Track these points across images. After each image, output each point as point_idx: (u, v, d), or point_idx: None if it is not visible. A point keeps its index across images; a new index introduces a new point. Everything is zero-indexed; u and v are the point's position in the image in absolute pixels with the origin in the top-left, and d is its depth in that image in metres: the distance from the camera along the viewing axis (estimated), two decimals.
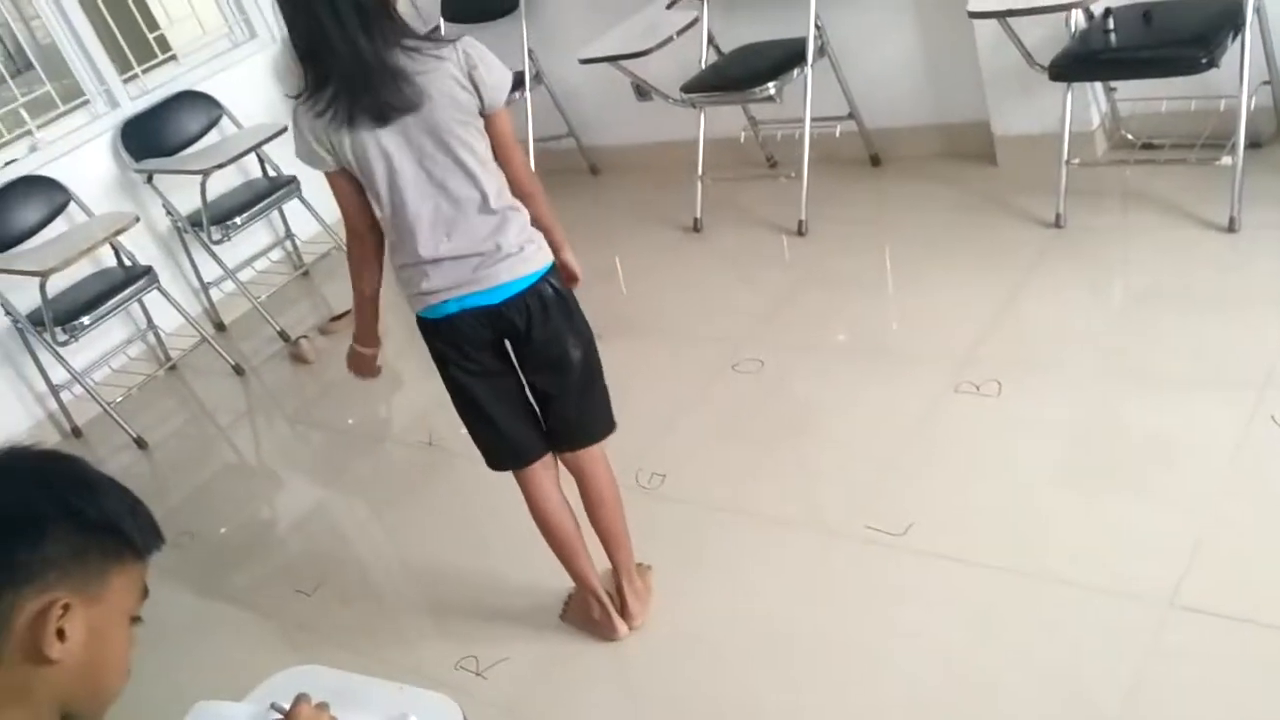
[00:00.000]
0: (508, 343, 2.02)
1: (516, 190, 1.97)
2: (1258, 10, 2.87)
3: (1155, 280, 2.85)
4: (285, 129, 4.12)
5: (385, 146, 1.83)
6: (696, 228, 3.91)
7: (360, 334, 2.18)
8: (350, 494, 3.26)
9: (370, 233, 1.98)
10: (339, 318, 4.14)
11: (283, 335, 4.18)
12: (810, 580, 2.24)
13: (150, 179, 4.15)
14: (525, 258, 1.93)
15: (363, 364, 2.23)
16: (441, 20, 4.62)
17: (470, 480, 2.91)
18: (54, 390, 3.93)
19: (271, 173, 4.38)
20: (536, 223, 1.99)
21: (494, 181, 1.91)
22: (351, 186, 1.92)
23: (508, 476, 2.18)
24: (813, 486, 2.51)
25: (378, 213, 1.95)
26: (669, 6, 3.81)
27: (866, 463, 2.51)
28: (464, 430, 2.17)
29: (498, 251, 1.91)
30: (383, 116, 1.80)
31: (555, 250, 2.03)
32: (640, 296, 3.69)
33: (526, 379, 2.07)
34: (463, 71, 1.81)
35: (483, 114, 1.87)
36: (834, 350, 3.02)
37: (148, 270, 3.88)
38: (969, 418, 2.55)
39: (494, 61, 1.86)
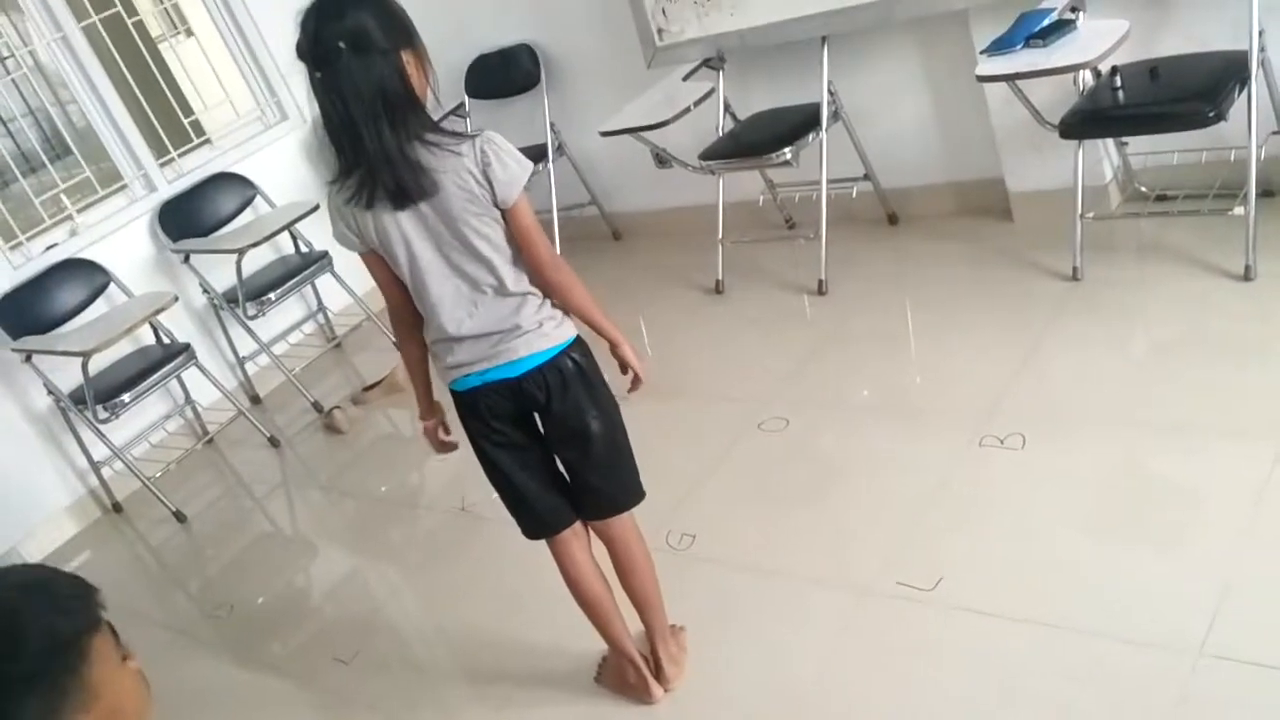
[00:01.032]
0: (536, 415, 2.07)
1: (540, 280, 1.99)
2: (1263, 63, 2.94)
3: (1173, 331, 2.88)
4: (317, 207, 4.26)
5: (405, 232, 1.90)
6: (719, 289, 3.98)
7: (419, 406, 2.18)
8: (384, 561, 3.30)
9: (405, 308, 2.05)
10: (371, 387, 4.22)
11: (316, 406, 4.26)
12: (842, 638, 2.26)
13: (187, 258, 4.28)
14: (544, 333, 1.99)
15: (429, 437, 2.23)
16: (466, 97, 4.76)
17: (503, 545, 2.95)
18: (95, 466, 4.02)
19: (304, 248, 4.51)
20: (576, 313, 2.04)
21: (510, 268, 1.96)
22: (383, 266, 1.99)
23: (540, 542, 2.23)
24: (842, 544, 2.53)
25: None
26: (685, 78, 3.93)
27: (894, 518, 2.53)
28: (495, 496, 2.22)
29: (517, 329, 1.97)
30: (400, 202, 1.87)
31: (613, 347, 2.08)
32: (666, 358, 3.74)
33: (553, 450, 2.13)
34: (478, 167, 1.85)
35: (498, 206, 1.91)
36: (858, 407, 3.06)
37: (186, 347, 3.99)
38: (994, 471, 2.57)
39: (510, 158, 1.89)
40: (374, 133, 1.81)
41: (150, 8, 4.94)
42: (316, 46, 1.79)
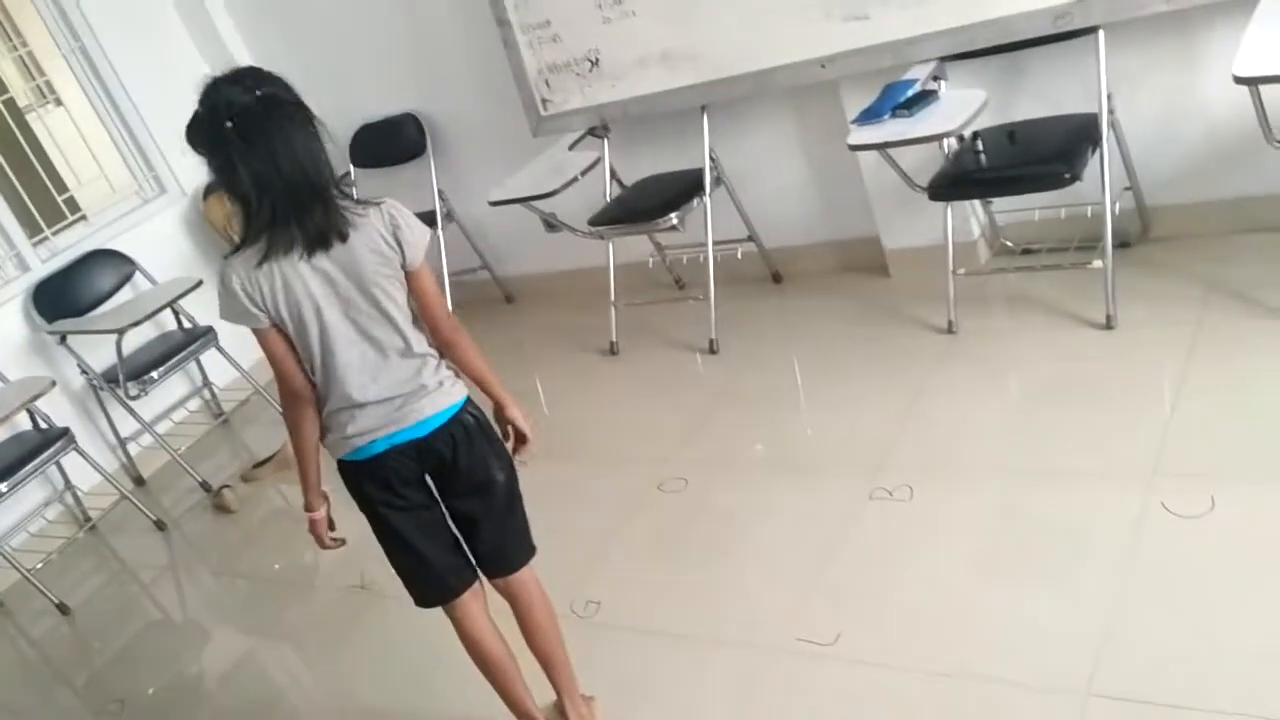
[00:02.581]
0: (429, 477, 2.10)
1: (438, 340, 2.07)
2: (1112, 124, 3.15)
3: (1044, 378, 3.03)
4: (200, 282, 4.19)
5: (315, 296, 1.92)
6: (613, 351, 4.04)
7: (308, 497, 2.16)
8: (282, 643, 3.22)
9: (305, 388, 2.03)
10: (262, 463, 4.13)
11: (204, 486, 4.15)
12: (749, 699, 2.30)
13: (64, 339, 4.15)
14: (446, 391, 2.04)
15: (317, 529, 2.20)
16: (351, 167, 4.75)
17: (404, 621, 2.90)
18: None
19: (187, 324, 4.41)
20: (469, 374, 2.10)
21: (413, 330, 2.02)
22: (284, 344, 1.99)
23: (441, 615, 2.22)
24: (744, 603, 2.58)
25: (307, 364, 2.02)
26: (572, 147, 4.00)
27: (793, 574, 2.60)
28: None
29: (422, 390, 2.02)
30: (318, 246, 1.89)
31: (500, 407, 2.16)
32: (563, 421, 3.77)
33: (451, 507, 2.14)
34: (388, 230, 1.93)
35: (404, 268, 1.97)
36: (753, 465, 3.13)
37: (64, 432, 3.85)
38: (885, 523, 2.66)
39: (415, 222, 1.99)
40: (297, 165, 1.86)
41: (19, 82, 4.81)
42: (238, 109, 1.84)
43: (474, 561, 2.20)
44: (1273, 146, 2.81)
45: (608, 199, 4.03)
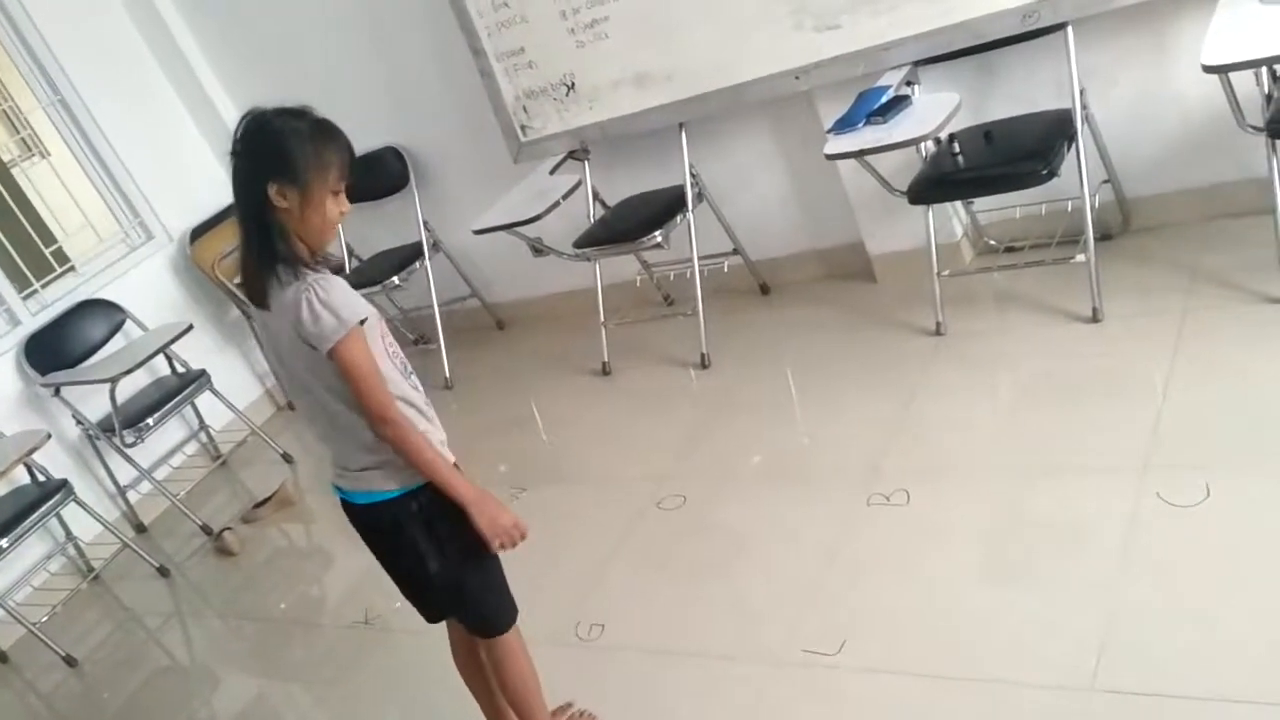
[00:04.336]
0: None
1: (370, 424, 1.92)
2: (1087, 119, 3.17)
3: (1034, 375, 3.05)
4: (191, 327, 4.20)
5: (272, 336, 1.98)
6: (605, 371, 4.05)
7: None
8: (290, 683, 3.22)
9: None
10: (262, 504, 4.14)
11: (205, 529, 4.15)
12: (758, 714, 2.30)
13: (57, 391, 4.15)
14: (368, 479, 1.99)
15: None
16: None
17: (412, 654, 2.92)
18: None
19: (180, 369, 4.41)
20: (413, 469, 1.96)
21: (349, 409, 1.93)
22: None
23: (443, 651, 2.25)
24: (748, 617, 2.58)
25: None
26: (552, 171, 4.02)
27: (795, 585, 2.60)
28: (399, 604, 2.23)
29: (362, 469, 2.00)
30: (254, 299, 1.94)
31: (447, 489, 1.96)
32: (559, 444, 3.78)
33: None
34: (294, 312, 1.85)
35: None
36: (750, 477, 3.14)
37: (63, 484, 3.85)
38: (884, 529, 2.67)
39: (325, 309, 1.84)
40: (242, 234, 1.90)
41: (3, 136, 4.83)
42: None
43: None
44: (1246, 132, 2.83)
45: (591, 221, 4.04)
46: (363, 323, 1.87)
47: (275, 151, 1.87)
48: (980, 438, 2.86)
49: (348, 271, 3.95)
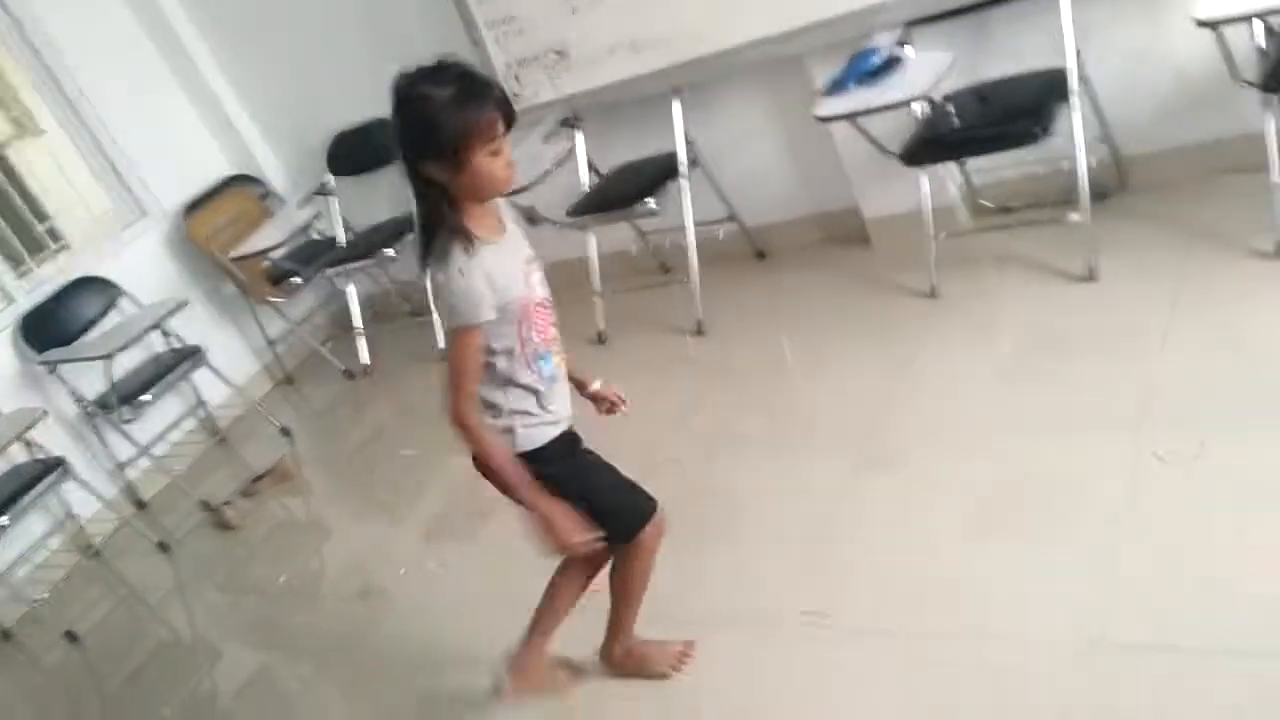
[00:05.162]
0: None
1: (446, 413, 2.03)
2: (1082, 77, 3.14)
3: (1030, 335, 3.03)
4: (186, 302, 4.20)
5: None
6: (601, 340, 4.04)
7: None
8: (293, 655, 3.23)
9: None
10: (260, 478, 4.14)
11: (205, 504, 4.15)
12: (757, 676, 2.30)
13: (54, 369, 4.15)
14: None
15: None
16: (330, 176, 4.76)
17: (415, 624, 2.94)
18: None
19: (176, 344, 4.41)
20: None
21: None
22: None
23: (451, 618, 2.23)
24: (745, 581, 2.58)
25: None
26: (545, 140, 4.00)
27: (792, 549, 2.60)
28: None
29: None
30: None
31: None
32: None
33: None
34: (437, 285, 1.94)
35: None
36: (746, 442, 3.14)
37: (60, 462, 3.86)
38: (881, 490, 2.67)
39: (452, 295, 1.90)
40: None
41: None
42: None
43: None
44: (1240, 86, 2.81)
45: (585, 188, 4.02)
46: (482, 323, 1.92)
47: (421, 128, 1.86)
48: (976, 399, 2.85)
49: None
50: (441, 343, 4.41)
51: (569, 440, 2.21)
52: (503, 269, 1.95)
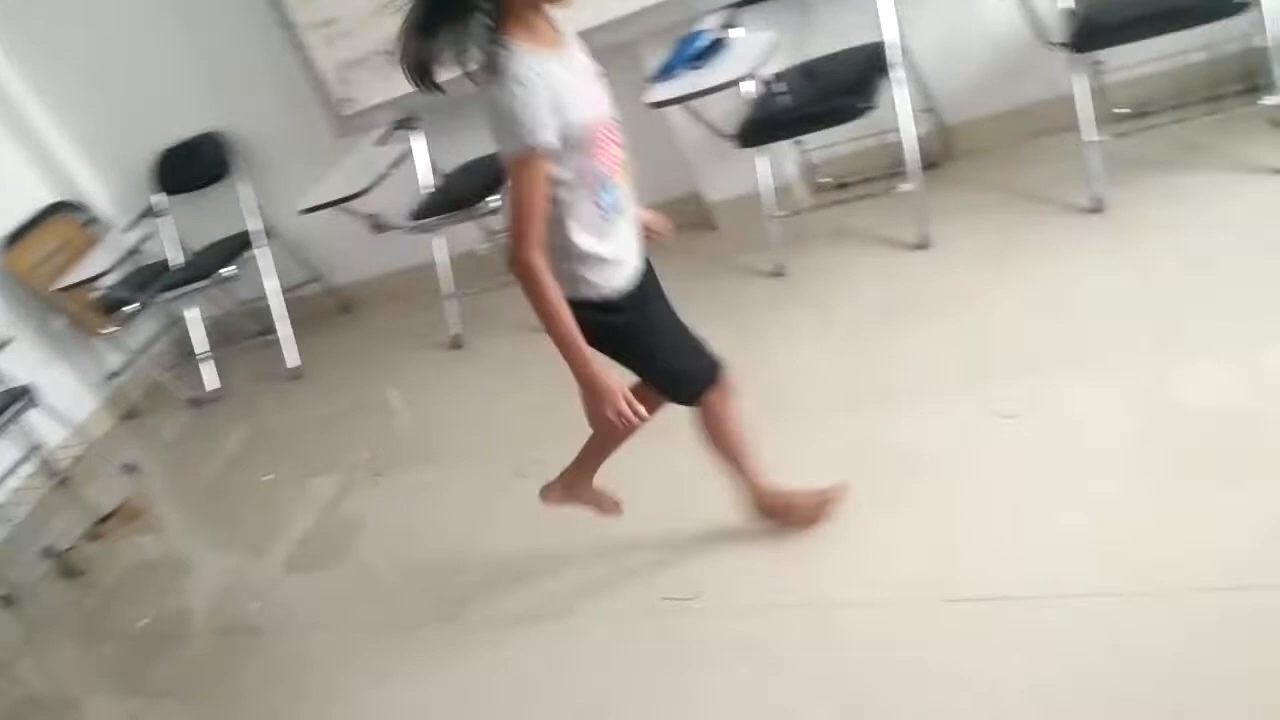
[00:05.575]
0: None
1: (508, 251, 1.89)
2: (904, 50, 3.22)
3: (870, 306, 3.10)
4: (11, 339, 3.95)
5: None
6: (457, 344, 3.98)
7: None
8: (161, 699, 3.08)
9: None
10: (106, 519, 3.94)
11: (49, 551, 3.93)
12: (616, 665, 2.31)
13: None
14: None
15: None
16: (156, 196, 4.54)
17: (285, 655, 2.84)
18: None
19: (3, 385, 4.15)
20: None
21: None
22: None
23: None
24: (608, 571, 2.58)
25: None
26: (380, 142, 3.90)
27: (651, 536, 2.60)
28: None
29: None
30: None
31: (563, 355, 2.06)
32: (418, 424, 3.70)
33: None
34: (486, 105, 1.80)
35: None
36: None
37: None
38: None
39: (508, 118, 1.75)
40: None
41: None
42: None
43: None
44: (1047, 49, 2.92)
45: (429, 191, 3.94)
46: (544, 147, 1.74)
47: None
48: (824, 372, 2.91)
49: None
50: (291, 361, 4.33)
51: (638, 287, 2.05)
52: (565, 83, 1.78)
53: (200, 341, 4.60)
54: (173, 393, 4.68)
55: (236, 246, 4.34)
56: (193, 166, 4.43)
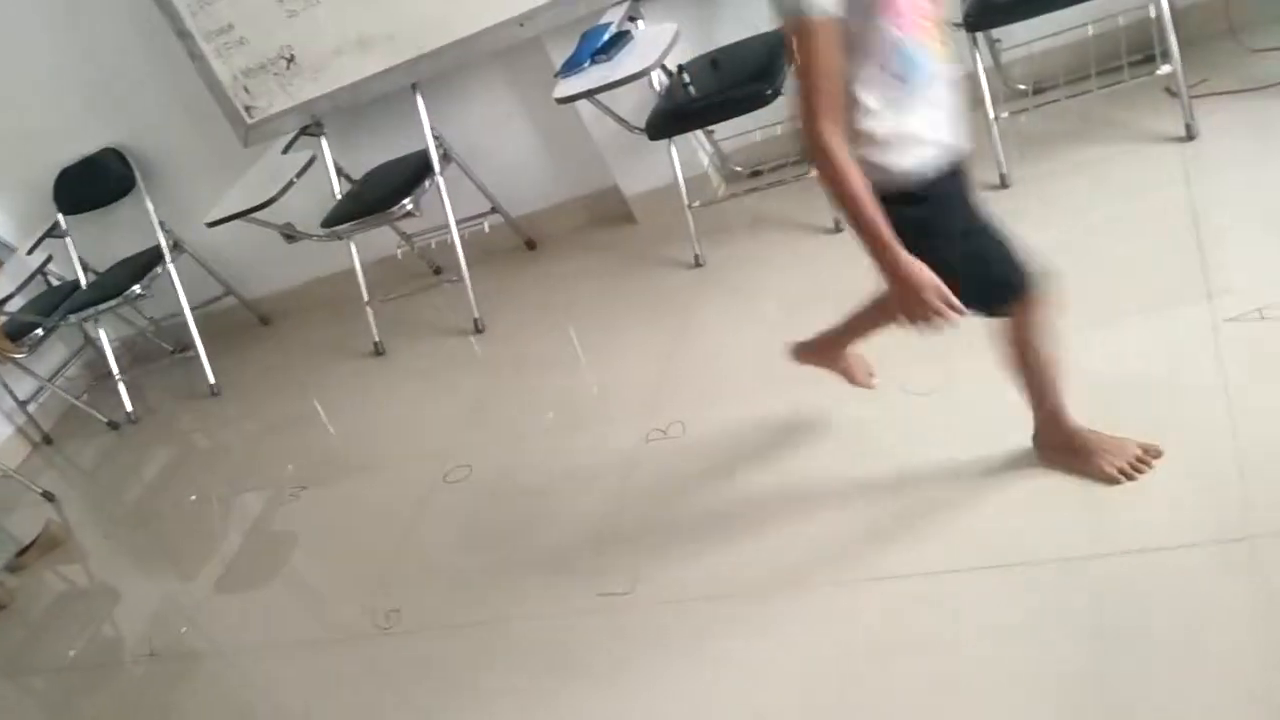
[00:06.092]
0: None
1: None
2: None
3: (787, 290, 3.11)
4: None
5: None
6: (379, 351, 3.93)
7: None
8: None
9: None
10: (26, 550, 3.82)
11: None
12: (560, 665, 2.30)
13: None
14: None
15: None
16: (60, 215, 4.42)
17: (221, 677, 2.79)
18: None
19: None
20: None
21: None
22: None
23: (255, 666, 2.12)
24: (542, 572, 2.57)
25: None
26: (285, 150, 3.83)
27: (585, 532, 2.60)
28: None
29: None
30: None
31: (865, 245, 1.78)
32: (341, 435, 3.65)
33: None
34: None
35: None
36: (535, 435, 3.11)
37: None
38: (662, 463, 2.69)
39: None
40: None
41: None
42: None
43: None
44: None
45: (338, 196, 3.88)
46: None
47: None
48: (745, 359, 2.92)
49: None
50: (210, 378, 4.23)
51: (949, 175, 1.77)
52: None
53: (114, 363, 4.48)
54: (89, 416, 4.55)
55: (145, 263, 4.24)
56: (95, 184, 4.30)
